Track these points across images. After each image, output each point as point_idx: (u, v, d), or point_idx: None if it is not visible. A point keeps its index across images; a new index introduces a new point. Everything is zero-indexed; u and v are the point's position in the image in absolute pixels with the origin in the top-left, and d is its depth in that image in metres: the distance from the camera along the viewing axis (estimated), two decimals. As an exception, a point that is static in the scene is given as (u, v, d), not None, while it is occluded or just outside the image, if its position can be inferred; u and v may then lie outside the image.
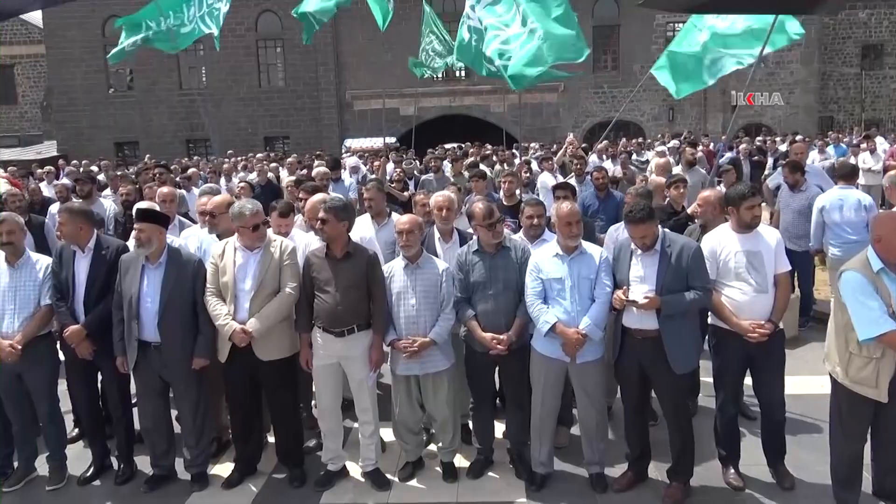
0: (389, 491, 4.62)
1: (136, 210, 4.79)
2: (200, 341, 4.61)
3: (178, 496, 4.66)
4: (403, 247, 4.54)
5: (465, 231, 5.22)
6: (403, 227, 4.52)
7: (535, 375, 4.51)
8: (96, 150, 28.44)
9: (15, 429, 4.86)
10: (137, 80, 32.08)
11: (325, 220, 4.46)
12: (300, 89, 31.19)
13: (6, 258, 4.77)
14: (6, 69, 35.98)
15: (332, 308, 4.46)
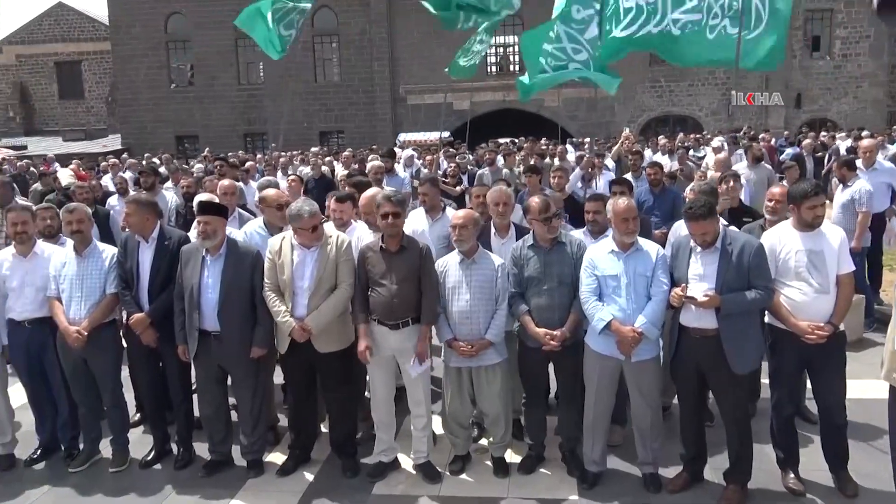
0: (440, 484, 4.64)
1: (200, 203, 4.89)
2: (258, 331, 4.70)
3: (234, 482, 4.77)
4: (457, 241, 4.54)
5: (523, 226, 5.19)
6: (458, 222, 4.52)
7: (589, 373, 4.47)
8: (158, 143, 29.29)
9: (81, 412, 5.05)
10: (198, 75, 32.88)
11: (398, 213, 4.49)
12: (355, 84, 31.50)
13: (74, 247, 4.94)
14: (74, 65, 37.27)
15: (387, 301, 4.49)
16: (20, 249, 5.01)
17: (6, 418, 5.10)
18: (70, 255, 4.93)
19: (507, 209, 5.10)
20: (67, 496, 4.69)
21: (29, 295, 4.92)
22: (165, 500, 4.60)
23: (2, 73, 37.22)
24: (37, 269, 4.95)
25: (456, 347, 4.52)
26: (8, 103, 36.71)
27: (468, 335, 4.51)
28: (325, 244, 4.66)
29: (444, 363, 4.74)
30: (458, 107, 29.14)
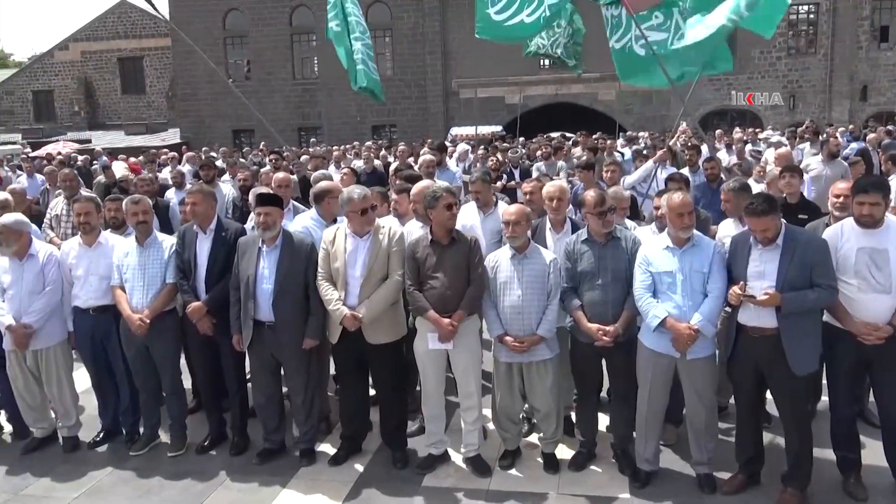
0: (490, 478, 4.64)
1: (260, 195, 4.95)
2: (312, 322, 4.77)
3: (287, 469, 4.85)
4: (510, 238, 4.52)
5: (579, 221, 5.15)
6: (510, 219, 4.50)
7: (643, 370, 4.40)
8: (215, 137, 29.95)
9: (142, 397, 5.21)
10: (254, 70, 33.51)
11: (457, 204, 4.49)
12: (407, 78, 31.64)
13: (136, 237, 5.09)
14: (136, 61, 38.37)
15: (440, 294, 4.50)
16: (85, 239, 5.18)
17: (71, 402, 5.29)
18: (132, 245, 5.08)
19: (561, 204, 5.05)
20: (128, 478, 4.84)
21: (93, 283, 5.09)
22: (220, 485, 4.71)
23: (68, 69, 38.53)
24: (101, 258, 5.11)
25: (507, 343, 4.51)
26: (73, 98, 38.02)
27: (519, 331, 4.49)
28: (377, 233, 4.70)
29: (495, 358, 4.73)
30: (509, 101, 29.01)
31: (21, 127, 36.39)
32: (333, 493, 4.52)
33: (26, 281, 5.03)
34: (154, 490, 4.68)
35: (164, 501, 4.54)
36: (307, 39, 33.22)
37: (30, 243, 5.12)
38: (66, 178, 7.78)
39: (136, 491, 4.68)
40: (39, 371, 5.16)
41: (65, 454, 5.21)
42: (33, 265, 5.07)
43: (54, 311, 5.12)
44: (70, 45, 38.55)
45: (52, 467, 5.02)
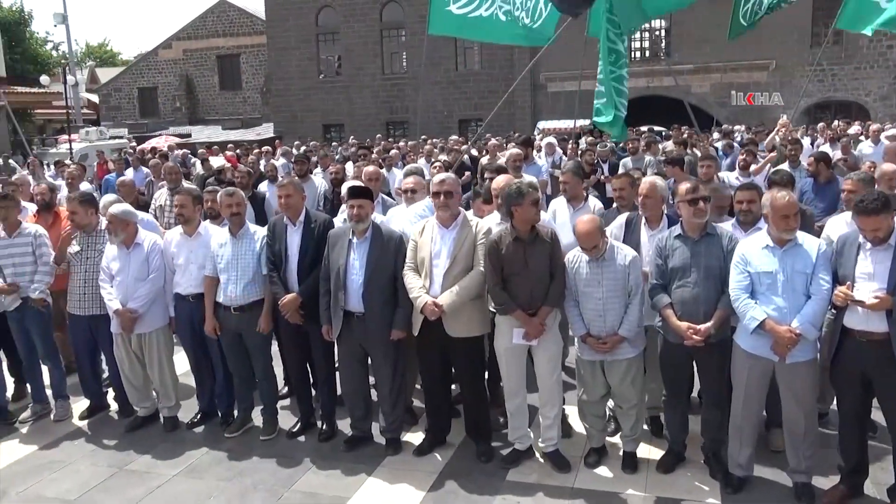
0: (575, 476, 4.58)
1: (352, 188, 5.04)
2: (399, 314, 4.82)
3: (373, 458, 4.94)
4: (584, 251, 4.43)
5: (676, 215, 5.00)
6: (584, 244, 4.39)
7: (738, 373, 4.23)
8: (306, 131, 30.77)
9: (236, 382, 5.41)
10: (345, 65, 34.19)
11: (537, 202, 4.46)
12: (495, 72, 31.54)
13: (230, 229, 5.28)
14: (233, 58, 39.81)
15: (526, 291, 4.47)
16: (186, 229, 5.42)
17: (171, 384, 5.55)
18: (227, 236, 5.27)
19: (649, 201, 4.91)
20: (222, 459, 5.04)
21: (193, 272, 5.32)
22: (309, 470, 4.83)
23: (170, 67, 40.38)
24: (200, 248, 5.33)
25: (590, 343, 4.44)
26: (175, 95, 39.83)
27: (601, 331, 4.42)
28: (464, 225, 4.71)
29: (577, 355, 4.66)
30: (599, 94, 28.46)
31: (127, 122, 38.41)
32: (418, 483, 4.57)
33: (132, 268, 5.31)
34: (246, 471, 4.86)
35: (255, 483, 4.70)
36: (396, 35, 33.65)
37: (136, 233, 5.40)
38: (170, 170, 8.16)
39: (230, 471, 4.87)
40: (143, 354, 5.43)
41: (165, 433, 5.48)
42: (139, 253, 5.35)
43: (157, 297, 5.39)
44: (173, 44, 40.37)
45: (154, 445, 5.28)
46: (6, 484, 4.82)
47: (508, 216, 4.53)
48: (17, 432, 5.61)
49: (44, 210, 6.47)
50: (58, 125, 37.78)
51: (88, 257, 5.52)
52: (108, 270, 5.36)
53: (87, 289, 5.50)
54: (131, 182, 8.87)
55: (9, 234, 5.62)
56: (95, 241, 5.55)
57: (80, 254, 5.56)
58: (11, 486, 4.78)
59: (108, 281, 5.35)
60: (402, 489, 4.53)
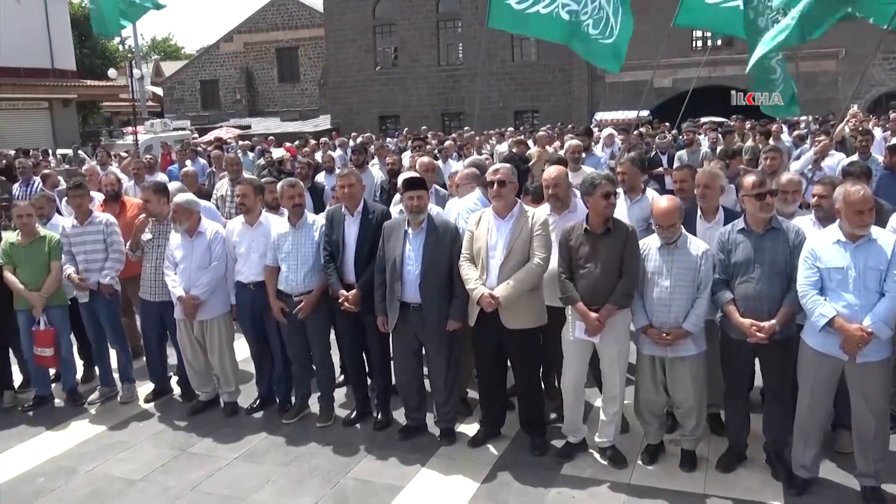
0: (631, 472, 4.51)
1: (409, 179, 5.05)
2: (455, 304, 4.82)
3: (427, 447, 4.96)
4: (663, 237, 4.33)
5: (733, 209, 4.87)
6: (663, 222, 4.27)
7: (804, 371, 4.10)
8: (363, 123, 31.04)
9: (294, 369, 5.50)
10: (401, 57, 34.33)
11: (609, 194, 4.40)
12: (552, 63, 31.23)
13: (289, 218, 5.36)
14: (292, 51, 40.37)
15: (592, 284, 4.41)
16: (247, 219, 5.52)
17: (231, 370, 5.68)
18: (286, 226, 5.35)
19: (708, 192, 4.79)
20: (280, 444, 5.14)
21: (254, 260, 5.42)
22: (364, 457, 4.89)
23: (231, 60, 41.20)
24: (261, 237, 5.43)
25: (651, 335, 4.35)
26: (236, 87, 40.64)
27: (665, 323, 4.32)
28: (521, 216, 4.67)
29: (637, 350, 4.58)
30: (658, 84, 27.90)
31: (190, 114, 39.37)
32: (472, 475, 4.58)
33: (195, 256, 5.45)
34: (303, 457, 4.94)
35: (312, 468, 4.78)
36: (453, 26, 33.61)
37: (199, 222, 5.53)
38: (231, 162, 8.34)
39: (287, 456, 4.96)
40: (204, 340, 5.58)
41: (225, 418, 5.62)
42: (202, 242, 5.48)
43: (219, 285, 5.52)
44: (234, 38, 41.17)
45: (214, 429, 5.42)
46: (76, 462, 5.02)
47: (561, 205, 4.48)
48: (87, 413, 5.84)
49: (111, 200, 6.69)
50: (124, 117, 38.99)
51: (159, 245, 5.69)
52: (172, 258, 5.51)
53: (157, 276, 5.67)
54: (194, 173, 9.12)
55: (81, 222, 5.83)
56: (166, 229, 5.71)
57: (151, 241, 5.73)
58: (81, 465, 4.98)
59: (171, 268, 5.51)
60: (456, 480, 4.54)
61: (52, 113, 30.69)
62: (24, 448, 5.27)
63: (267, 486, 4.59)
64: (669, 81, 27.23)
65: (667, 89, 28.42)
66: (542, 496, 4.31)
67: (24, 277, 5.70)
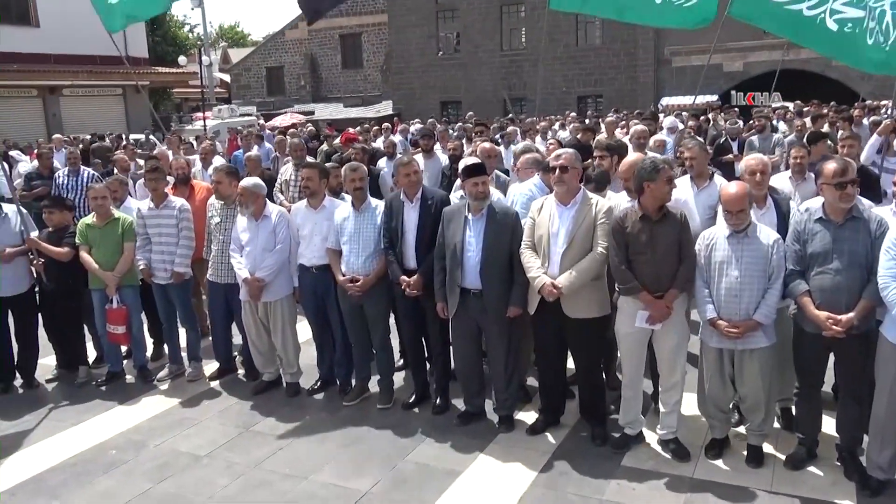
0: (694, 466, 4.41)
1: (470, 165, 5.01)
2: (516, 291, 4.78)
3: (486, 434, 4.95)
4: (732, 225, 4.19)
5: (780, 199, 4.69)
6: (732, 208, 4.12)
7: (883, 367, 3.91)
8: (424, 109, 31.03)
9: (355, 352, 5.56)
10: (463, 42, 34.15)
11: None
12: (616, 47, 30.60)
13: (352, 203, 5.39)
14: (355, 37, 40.61)
15: (651, 272, 4.31)
16: (311, 202, 5.59)
17: (293, 352, 5.78)
18: (349, 210, 5.39)
19: (764, 178, 4.62)
20: (340, 426, 5.21)
21: (317, 243, 5.48)
22: (423, 441, 4.91)
23: (296, 47, 41.73)
24: (324, 220, 5.48)
25: (719, 327, 4.22)
26: (300, 73, 41.17)
27: (734, 315, 4.18)
28: (584, 203, 4.59)
29: (703, 341, 4.46)
30: (728, 68, 27.08)
31: (255, 100, 40.13)
32: (530, 463, 4.55)
33: (260, 239, 5.54)
34: (363, 438, 5.00)
35: (372, 450, 4.83)
36: (516, 10, 33.22)
37: (265, 205, 5.63)
38: (295, 147, 8.44)
39: (348, 438, 5.02)
40: (268, 321, 5.68)
41: (287, 398, 5.73)
42: (267, 225, 5.57)
43: (283, 267, 5.61)
44: (299, 24, 41.61)
45: (277, 409, 5.53)
46: (145, 436, 5.20)
47: (638, 192, 4.37)
48: (156, 389, 6.04)
49: (181, 183, 6.87)
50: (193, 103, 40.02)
51: (227, 228, 5.82)
52: (238, 241, 5.63)
53: (223, 258, 5.81)
54: (258, 157, 9.26)
55: (156, 205, 6.01)
56: (233, 213, 5.83)
57: (219, 225, 5.86)
58: (150, 439, 5.15)
59: (238, 251, 5.62)
60: (514, 467, 4.52)
61: (125, 99, 31.72)
62: (97, 421, 5.49)
63: (327, 466, 4.66)
64: (740, 65, 26.33)
65: (737, 73, 27.52)
66: (602, 487, 4.25)
67: (99, 258, 5.91)
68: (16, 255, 5.90)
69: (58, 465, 4.84)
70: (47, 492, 4.52)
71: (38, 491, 4.53)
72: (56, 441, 5.19)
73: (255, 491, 4.41)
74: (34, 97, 28.09)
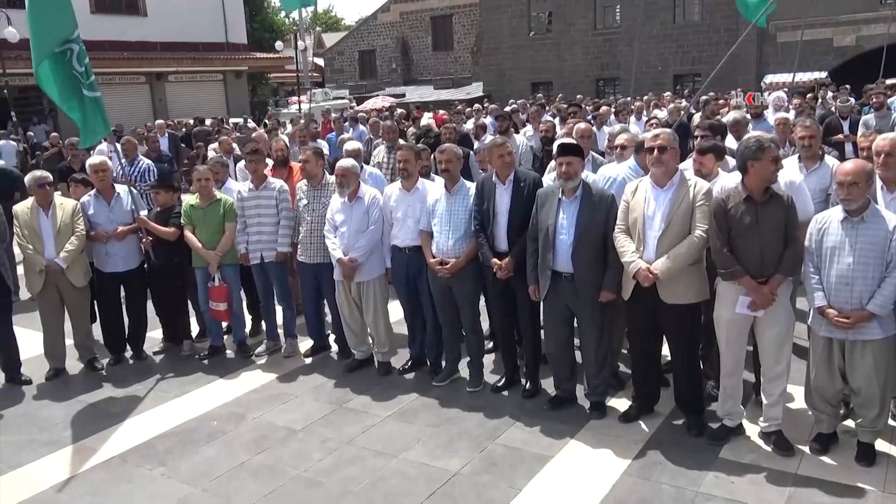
0: (799, 461, 4.20)
1: (562, 145, 4.93)
2: (609, 275, 4.67)
3: (576, 419, 4.89)
4: (845, 200, 3.94)
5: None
6: (846, 178, 3.90)
7: None
8: (515, 90, 30.72)
9: (445, 333, 5.59)
10: (556, 22, 33.56)
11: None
12: (717, 23, 29.32)
13: (445, 185, 5.39)
14: (446, 19, 40.59)
15: (755, 256, 4.12)
16: (405, 184, 5.62)
17: (385, 331, 5.86)
18: (442, 191, 5.39)
19: (890, 160, 4.29)
20: (431, 406, 5.26)
21: (410, 225, 5.52)
22: (512, 425, 4.89)
23: (388, 30, 42.11)
24: (417, 202, 5.51)
25: (829, 316, 3.99)
26: (392, 56, 41.57)
27: (844, 304, 3.95)
28: (682, 185, 4.41)
29: (812, 330, 4.23)
30: (838, 43, 25.51)
31: (348, 84, 40.81)
32: (622, 451, 4.46)
33: (354, 220, 5.63)
34: (453, 420, 5.03)
35: (461, 431, 4.85)
36: (609, -13, 32.36)
37: (359, 187, 5.71)
38: (388, 129, 8.53)
39: (438, 418, 5.06)
40: (361, 301, 5.78)
41: (379, 377, 5.83)
42: (360, 206, 5.66)
43: (375, 248, 5.68)
44: (391, 7, 41.99)
45: (368, 387, 5.63)
46: (245, 409, 5.40)
47: (742, 172, 4.17)
48: (254, 364, 6.27)
49: (280, 165, 7.06)
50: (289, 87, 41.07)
51: (314, 209, 5.95)
52: (332, 221, 5.73)
53: (312, 238, 5.95)
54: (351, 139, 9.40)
55: (256, 186, 6.20)
56: (321, 193, 5.95)
57: (307, 206, 6.00)
58: (249, 412, 5.36)
59: (332, 231, 5.73)
60: (605, 454, 4.44)
61: (225, 84, 32.94)
62: (200, 393, 5.75)
63: (417, 445, 4.71)
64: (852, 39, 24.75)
65: (849, 48, 25.90)
66: (698, 479, 4.11)
67: (202, 237, 6.17)
68: (128, 233, 6.24)
69: (164, 432, 5.10)
70: (155, 458, 4.77)
71: (147, 457, 4.79)
72: (162, 410, 5.48)
73: (347, 466, 4.51)
74: (142, 83, 29.57)
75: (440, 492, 4.17)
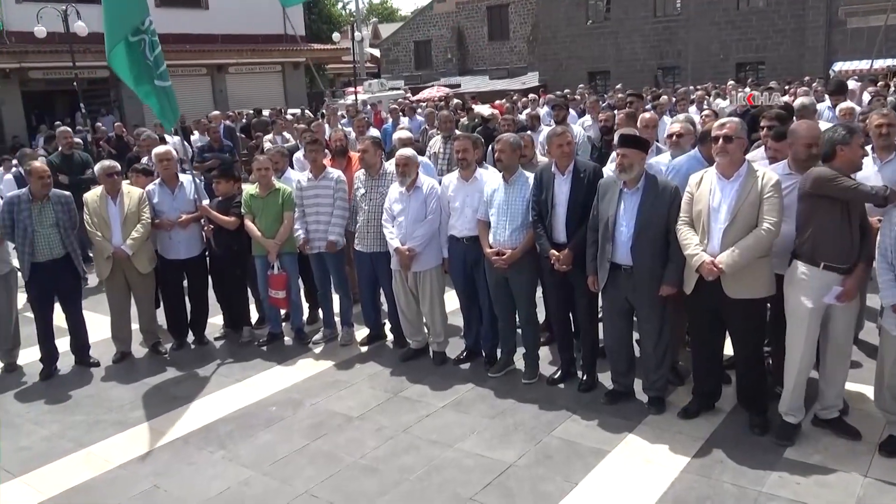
0: (868, 464, 4.03)
1: (620, 135, 4.85)
2: (670, 269, 4.56)
3: (634, 414, 4.81)
4: None
5: None
6: None
7: None
8: (571, 79, 30.33)
9: (500, 324, 5.56)
10: (614, 10, 33.00)
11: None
12: (783, 9, 28.40)
13: (503, 175, 5.35)
14: (502, 9, 40.33)
15: (846, 242, 4.03)
16: (464, 174, 5.60)
17: (440, 321, 5.87)
18: (500, 181, 5.35)
19: None
20: (486, 396, 5.25)
21: (468, 215, 5.50)
22: (568, 418, 4.84)
23: (444, 20, 42.07)
24: (475, 192, 5.48)
25: None
26: (447, 46, 41.54)
27: (923, 301, 3.78)
28: (749, 176, 4.27)
29: (884, 329, 4.06)
30: (913, 28, 24.34)
31: (404, 74, 40.97)
32: (681, 448, 4.36)
33: (412, 210, 5.64)
34: (508, 411, 5.00)
35: (517, 423, 4.83)
36: (671, -28, 31.64)
37: (417, 177, 5.71)
38: (445, 119, 8.52)
39: (493, 409, 5.05)
40: (417, 290, 5.80)
41: (434, 366, 5.84)
42: (418, 196, 5.66)
43: (433, 238, 5.68)
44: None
45: (424, 376, 5.65)
46: (302, 395, 5.49)
47: (827, 158, 4.04)
48: (311, 352, 6.35)
49: (339, 155, 7.12)
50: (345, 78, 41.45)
51: (371, 199, 5.98)
52: (390, 211, 5.76)
53: (368, 227, 5.98)
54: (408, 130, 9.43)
55: (315, 176, 6.27)
56: (378, 183, 5.98)
57: (364, 195, 6.03)
58: (306, 398, 5.44)
59: (390, 221, 5.76)
60: (664, 451, 4.36)
61: (283, 75, 33.46)
62: (259, 378, 5.87)
63: (473, 435, 4.71)
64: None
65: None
66: (762, 478, 4.00)
67: (261, 226, 6.27)
68: (190, 221, 6.40)
69: (225, 416, 5.22)
70: (215, 441, 4.88)
71: (208, 440, 4.91)
72: (223, 395, 5.60)
73: (403, 455, 4.54)
74: (203, 75, 30.27)
75: (495, 483, 4.16)
